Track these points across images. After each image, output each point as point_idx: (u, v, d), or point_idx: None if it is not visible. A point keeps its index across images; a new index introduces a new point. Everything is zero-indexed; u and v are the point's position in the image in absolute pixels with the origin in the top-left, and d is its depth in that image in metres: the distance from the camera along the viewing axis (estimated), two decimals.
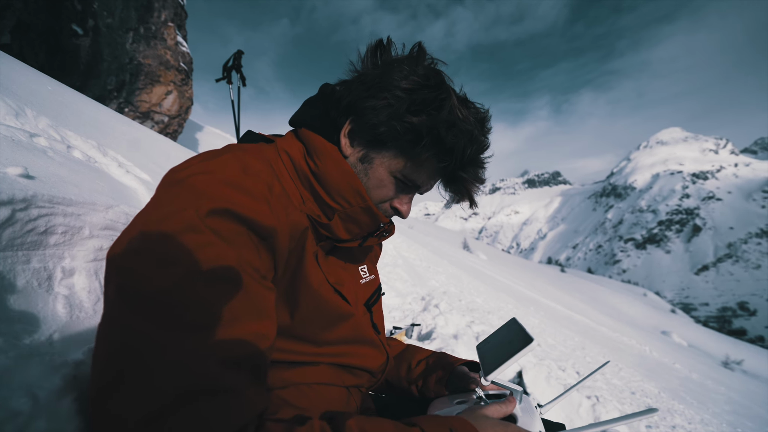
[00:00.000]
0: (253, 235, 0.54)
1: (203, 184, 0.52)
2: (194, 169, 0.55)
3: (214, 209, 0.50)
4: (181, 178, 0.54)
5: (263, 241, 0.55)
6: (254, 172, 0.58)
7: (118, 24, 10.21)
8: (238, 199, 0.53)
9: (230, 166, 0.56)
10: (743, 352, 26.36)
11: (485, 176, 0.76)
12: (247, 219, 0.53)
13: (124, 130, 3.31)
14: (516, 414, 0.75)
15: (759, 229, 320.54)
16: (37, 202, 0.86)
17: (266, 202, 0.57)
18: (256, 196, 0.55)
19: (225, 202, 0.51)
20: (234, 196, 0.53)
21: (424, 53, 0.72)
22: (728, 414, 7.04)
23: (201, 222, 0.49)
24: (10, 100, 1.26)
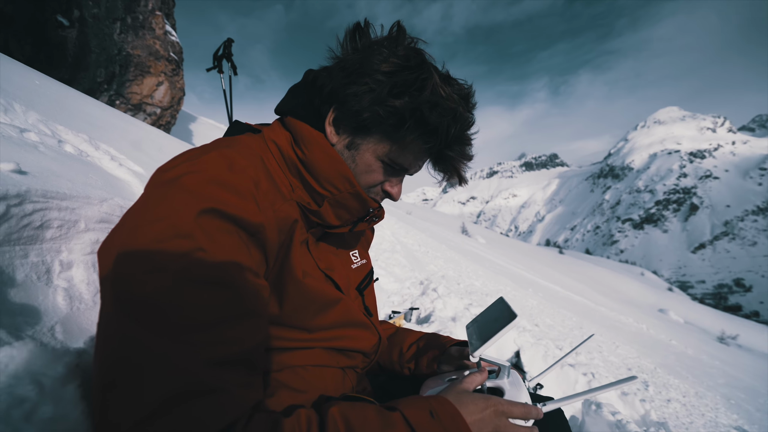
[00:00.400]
0: (242, 233, 0.55)
1: (191, 184, 0.53)
2: (181, 168, 0.56)
3: (202, 210, 0.51)
4: (169, 179, 0.54)
5: (252, 238, 0.56)
6: (240, 169, 0.59)
7: (105, 14, 10.01)
8: (226, 198, 0.54)
9: (216, 164, 0.57)
10: (738, 328, 26.77)
11: (472, 153, 0.76)
12: (235, 217, 0.54)
13: (115, 123, 3.28)
14: (503, 387, 0.78)
15: (755, 206, 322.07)
16: (31, 197, 0.87)
17: (253, 198, 0.57)
18: (243, 194, 0.56)
19: (213, 202, 0.52)
20: (221, 195, 0.53)
21: (404, 33, 0.71)
22: (722, 387, 7.21)
23: (190, 226, 0.50)
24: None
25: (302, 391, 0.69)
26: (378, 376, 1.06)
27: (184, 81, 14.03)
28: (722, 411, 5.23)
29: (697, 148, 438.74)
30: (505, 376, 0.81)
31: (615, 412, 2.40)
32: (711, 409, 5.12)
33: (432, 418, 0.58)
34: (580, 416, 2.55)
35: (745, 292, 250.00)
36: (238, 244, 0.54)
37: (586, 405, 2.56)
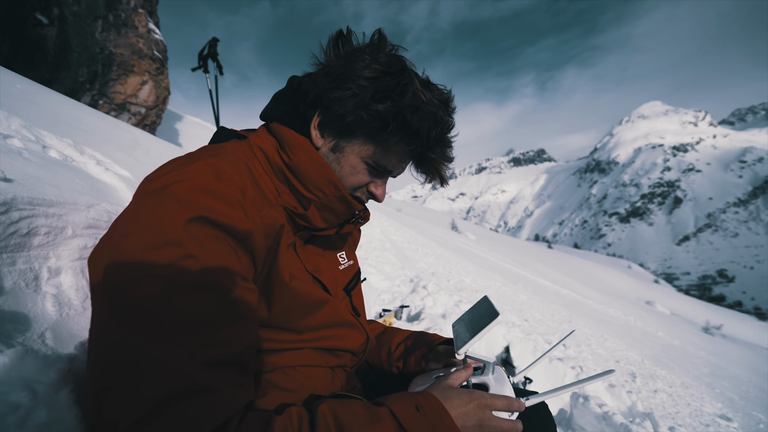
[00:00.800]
0: (230, 239, 0.56)
1: (179, 192, 0.54)
2: (169, 177, 0.57)
3: (191, 218, 0.53)
4: (157, 188, 0.56)
5: (240, 244, 0.58)
6: (226, 177, 0.60)
7: (85, 11, 9.79)
8: (214, 205, 0.55)
9: (203, 173, 0.58)
10: (722, 318, 27.50)
11: (453, 155, 0.79)
12: (224, 224, 0.55)
13: (99, 125, 3.23)
14: (488, 383, 0.81)
15: (736, 198, 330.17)
16: (17, 205, 0.87)
17: (240, 206, 0.59)
18: (231, 202, 0.58)
19: (201, 210, 0.54)
20: (209, 203, 0.55)
21: (385, 40, 0.73)
22: (707, 377, 7.40)
23: (180, 234, 0.51)
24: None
25: (292, 390, 0.70)
26: (367, 375, 1.08)
27: (169, 80, 13.82)
28: (707, 400, 5.38)
29: (680, 142, 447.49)
30: (490, 372, 0.84)
31: (602, 404, 2.47)
32: (696, 399, 5.26)
33: (418, 412, 0.60)
34: (569, 409, 2.61)
35: (728, 282, 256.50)
36: (227, 251, 0.56)
37: (574, 398, 2.62)
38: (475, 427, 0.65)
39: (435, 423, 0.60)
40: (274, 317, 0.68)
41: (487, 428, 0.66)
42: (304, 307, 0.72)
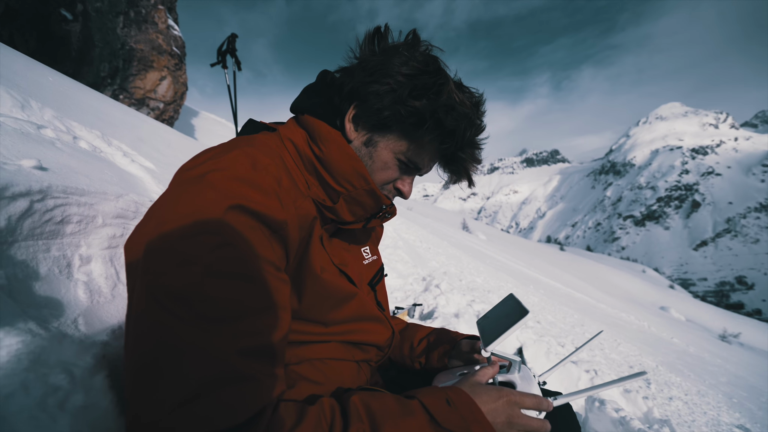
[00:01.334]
0: (265, 229, 0.57)
1: (217, 181, 0.55)
2: (206, 166, 0.58)
3: (229, 206, 0.53)
4: (195, 176, 0.56)
5: (275, 234, 0.59)
6: (263, 167, 0.61)
7: (108, 8, 10.00)
8: (251, 195, 0.56)
9: (240, 162, 0.59)
10: (740, 326, 26.78)
11: (482, 157, 0.80)
12: (260, 214, 0.56)
13: (124, 118, 3.30)
14: (515, 381, 0.80)
15: (758, 203, 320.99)
16: (52, 193, 0.89)
17: (276, 196, 0.60)
18: (267, 191, 0.58)
19: (239, 198, 0.54)
20: (246, 192, 0.56)
21: (419, 39, 0.75)
22: (724, 385, 7.22)
23: (218, 222, 0.52)
24: (15, 92, 1.27)
25: (320, 383, 0.71)
26: (388, 371, 1.08)
27: (186, 75, 14.02)
28: (724, 409, 5.25)
29: (699, 145, 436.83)
30: (516, 370, 0.83)
31: (618, 409, 2.43)
32: (713, 408, 5.13)
33: (449, 406, 0.60)
34: (584, 413, 2.58)
35: (747, 290, 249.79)
36: (262, 240, 0.56)
37: (590, 402, 2.58)
38: (504, 423, 0.65)
39: (467, 417, 0.60)
40: (304, 309, 0.69)
41: (516, 425, 0.66)
42: (333, 299, 0.72)
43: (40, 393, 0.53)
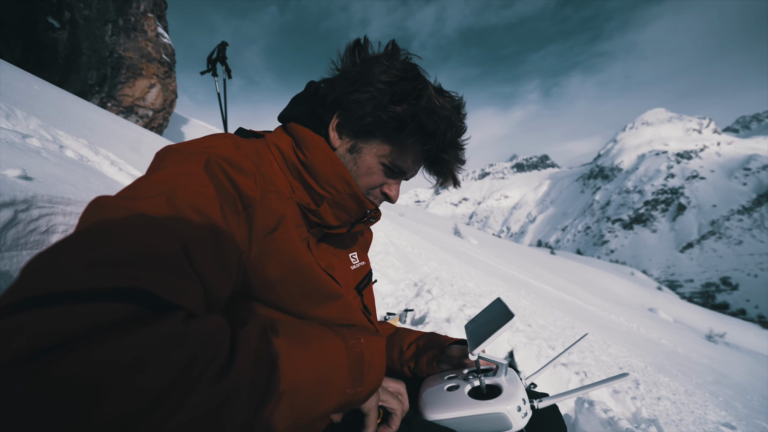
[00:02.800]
0: (239, 201, 0.60)
1: (199, 155, 0.58)
2: (192, 144, 0.62)
3: (211, 167, 0.57)
4: (179, 148, 0.60)
5: (245, 210, 0.61)
6: (244, 151, 0.66)
7: (96, 16, 9.92)
8: (232, 170, 0.60)
9: (226, 143, 0.64)
10: (726, 326, 27.24)
11: (465, 157, 0.83)
12: (238, 185, 0.60)
13: (112, 127, 3.27)
14: (501, 385, 0.81)
15: (740, 206, 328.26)
16: (37, 203, 0.89)
17: (254, 177, 0.64)
18: (246, 171, 0.63)
19: (223, 165, 0.59)
20: (228, 168, 0.60)
21: (398, 49, 0.78)
22: (711, 384, 7.33)
23: (198, 171, 0.55)
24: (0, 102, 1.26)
25: None
26: None
27: (176, 83, 13.94)
28: (711, 408, 5.33)
29: (684, 149, 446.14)
30: (503, 374, 0.85)
31: (607, 410, 2.45)
32: (700, 407, 5.21)
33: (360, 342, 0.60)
34: (573, 414, 2.60)
35: (732, 290, 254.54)
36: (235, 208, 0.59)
37: (579, 403, 2.61)
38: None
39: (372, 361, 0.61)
40: (288, 302, 0.69)
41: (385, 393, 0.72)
42: (317, 295, 0.73)
43: None
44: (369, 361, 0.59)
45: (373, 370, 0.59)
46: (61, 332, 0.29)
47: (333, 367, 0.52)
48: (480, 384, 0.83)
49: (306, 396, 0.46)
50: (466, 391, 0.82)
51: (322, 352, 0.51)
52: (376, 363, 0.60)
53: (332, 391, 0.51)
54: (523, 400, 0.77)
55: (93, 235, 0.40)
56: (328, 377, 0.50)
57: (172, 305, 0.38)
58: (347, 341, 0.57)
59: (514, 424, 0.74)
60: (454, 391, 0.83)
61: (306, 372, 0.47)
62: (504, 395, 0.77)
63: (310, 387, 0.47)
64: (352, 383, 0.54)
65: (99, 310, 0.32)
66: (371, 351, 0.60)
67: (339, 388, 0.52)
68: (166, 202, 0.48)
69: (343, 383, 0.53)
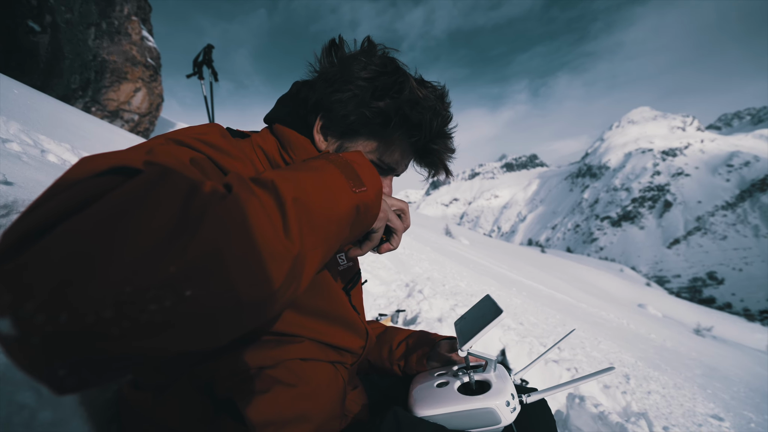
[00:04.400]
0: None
1: (184, 140, 0.57)
2: (178, 131, 0.60)
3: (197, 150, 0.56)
4: (166, 135, 0.58)
5: None
6: (232, 140, 0.65)
7: (78, 19, 9.75)
8: (219, 156, 0.59)
9: (213, 131, 0.63)
10: (713, 319, 27.79)
11: (454, 146, 0.83)
12: (226, 170, 0.58)
13: (95, 131, 3.22)
14: (490, 380, 0.82)
15: (724, 201, 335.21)
16: (18, 208, 0.87)
17: (241, 161, 0.63)
18: (234, 155, 0.62)
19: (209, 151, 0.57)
20: (216, 153, 0.58)
21: (374, 45, 0.78)
22: (699, 378, 7.46)
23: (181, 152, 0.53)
24: None
25: (294, 385, 0.69)
26: (369, 375, 1.08)
27: (162, 87, 13.77)
28: (699, 400, 5.43)
29: (669, 147, 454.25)
30: (492, 369, 0.85)
31: (597, 404, 2.48)
32: (689, 399, 5.30)
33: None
34: (565, 410, 2.62)
35: (718, 284, 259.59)
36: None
37: (570, 399, 2.63)
38: None
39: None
40: None
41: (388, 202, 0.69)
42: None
43: (5, 412, 0.52)
44: (359, 167, 0.58)
45: (365, 170, 0.59)
46: (62, 208, 0.31)
47: (328, 176, 0.52)
48: (469, 380, 0.83)
49: (317, 198, 0.47)
50: (455, 387, 0.83)
51: (310, 168, 0.52)
52: (366, 168, 0.60)
53: (340, 193, 0.52)
54: (512, 395, 0.77)
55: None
56: (329, 182, 0.51)
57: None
58: (327, 157, 0.58)
59: (503, 418, 0.75)
60: (444, 388, 0.84)
61: (305, 182, 0.47)
62: (493, 390, 0.78)
63: (318, 191, 0.48)
64: (354, 183, 0.55)
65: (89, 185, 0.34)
66: (356, 160, 0.60)
67: (345, 189, 0.53)
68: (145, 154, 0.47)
69: (345, 184, 0.53)
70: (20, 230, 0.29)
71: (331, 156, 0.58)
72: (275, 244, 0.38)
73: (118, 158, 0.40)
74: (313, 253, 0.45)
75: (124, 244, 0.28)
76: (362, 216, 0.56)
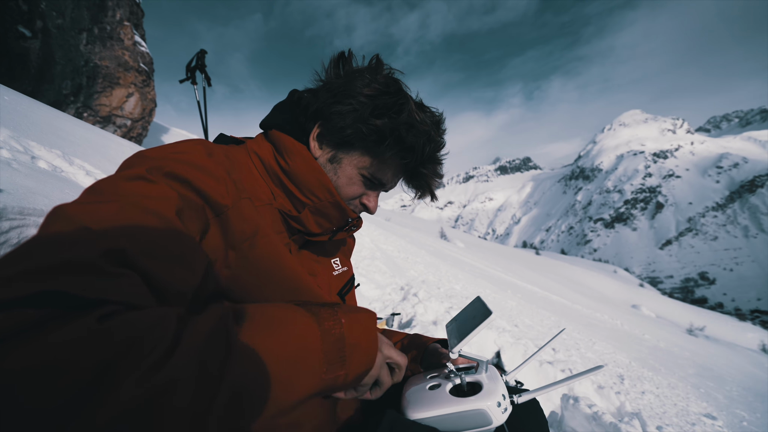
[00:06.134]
0: (208, 210, 0.59)
1: (169, 161, 0.57)
2: (161, 150, 0.60)
3: (176, 174, 0.55)
4: (147, 155, 0.58)
5: (217, 217, 0.60)
6: (217, 159, 0.64)
7: (70, 24, 9.70)
8: (201, 177, 0.58)
9: (197, 150, 0.62)
10: (705, 319, 28.05)
11: (443, 172, 0.85)
12: (206, 193, 0.58)
13: (87, 137, 3.20)
14: (482, 381, 0.82)
15: (714, 202, 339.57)
16: (7, 215, 0.87)
17: (224, 184, 0.62)
18: (218, 178, 0.61)
19: (188, 175, 0.56)
20: (197, 175, 0.58)
21: (382, 64, 0.80)
22: (692, 377, 7.53)
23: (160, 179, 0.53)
24: None
25: None
26: None
27: (155, 92, 13.71)
28: (693, 400, 5.47)
29: (660, 149, 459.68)
30: (483, 370, 0.86)
31: (591, 405, 2.50)
32: (682, 399, 5.35)
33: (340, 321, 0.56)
34: (559, 411, 2.64)
35: (710, 285, 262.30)
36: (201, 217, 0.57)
37: (565, 400, 2.65)
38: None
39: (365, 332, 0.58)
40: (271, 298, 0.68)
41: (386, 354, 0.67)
42: (300, 293, 0.72)
43: None
44: (353, 342, 0.54)
45: (359, 350, 0.55)
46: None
47: (303, 352, 0.47)
48: (461, 382, 0.84)
49: (271, 384, 0.43)
50: (447, 389, 0.83)
51: (289, 336, 0.47)
52: (364, 342, 0.56)
53: (304, 378, 0.47)
54: (503, 396, 0.78)
55: (25, 247, 0.39)
56: (298, 362, 0.46)
57: (94, 301, 0.35)
58: (323, 323, 0.52)
59: (494, 419, 0.75)
60: (436, 390, 0.84)
61: (269, 358, 0.43)
62: (484, 392, 0.78)
63: (275, 374, 0.43)
64: (329, 368, 0.50)
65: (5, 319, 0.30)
66: (356, 330, 0.55)
67: (313, 374, 0.48)
68: (117, 208, 0.46)
69: (317, 368, 0.49)
70: None
71: (328, 322, 0.53)
72: None
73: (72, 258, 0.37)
74: None
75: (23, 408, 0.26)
76: (326, 393, 0.52)
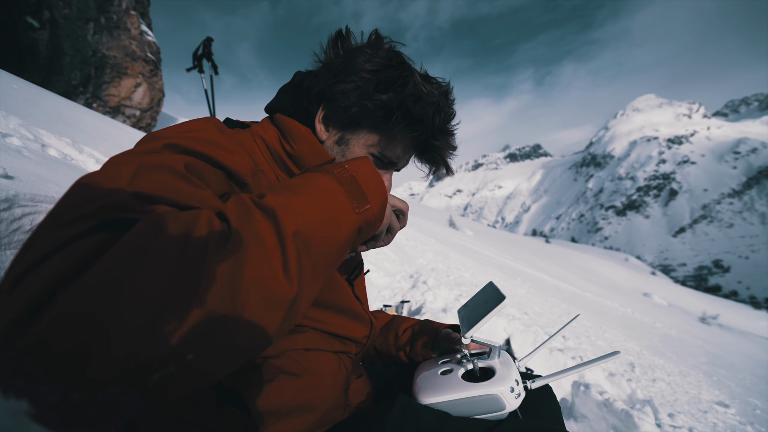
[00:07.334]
0: (229, 180, 0.58)
1: (180, 141, 0.54)
2: (173, 129, 0.58)
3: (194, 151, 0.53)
4: (160, 135, 0.55)
5: (243, 187, 0.60)
6: (228, 135, 0.63)
7: (77, 14, 9.71)
8: (218, 152, 0.56)
9: (209, 127, 0.60)
10: (719, 308, 27.74)
11: (456, 143, 0.81)
12: (225, 165, 0.57)
13: (96, 125, 3.22)
14: (494, 367, 0.82)
15: (731, 189, 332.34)
16: (19, 202, 0.87)
17: (241, 155, 0.61)
18: (232, 150, 0.60)
19: (206, 150, 0.54)
20: (213, 150, 0.56)
21: (382, 38, 0.76)
22: (704, 365, 7.46)
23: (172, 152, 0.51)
24: None
25: (299, 374, 0.69)
26: (374, 364, 1.09)
27: (162, 82, 13.74)
28: (705, 388, 5.43)
29: (675, 134, 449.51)
30: (496, 356, 0.85)
31: (603, 392, 2.49)
32: (694, 387, 5.31)
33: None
34: (570, 398, 2.63)
35: (724, 272, 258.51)
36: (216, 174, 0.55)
37: (576, 387, 2.64)
38: None
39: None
40: None
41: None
42: None
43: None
44: (364, 180, 0.57)
45: (371, 186, 0.58)
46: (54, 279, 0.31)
47: (330, 197, 0.51)
48: (473, 367, 0.83)
49: (318, 228, 0.46)
50: (459, 374, 0.83)
51: (313, 189, 0.51)
52: (372, 180, 0.59)
53: (343, 216, 0.51)
54: (516, 381, 0.77)
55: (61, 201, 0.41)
56: (331, 205, 0.50)
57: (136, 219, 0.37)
58: (332, 171, 0.56)
59: (507, 405, 0.74)
60: (448, 375, 0.83)
61: (307, 209, 0.47)
62: (497, 377, 0.78)
63: (319, 219, 0.47)
64: (356, 203, 0.54)
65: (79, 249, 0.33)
66: (362, 171, 0.59)
67: (347, 211, 0.52)
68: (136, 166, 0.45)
69: (347, 205, 0.52)
70: (18, 307, 0.30)
71: (336, 170, 0.57)
72: (273, 288, 0.39)
73: (105, 202, 0.38)
74: (311, 288, 0.46)
75: (122, 321, 0.29)
76: (364, 234, 0.56)
